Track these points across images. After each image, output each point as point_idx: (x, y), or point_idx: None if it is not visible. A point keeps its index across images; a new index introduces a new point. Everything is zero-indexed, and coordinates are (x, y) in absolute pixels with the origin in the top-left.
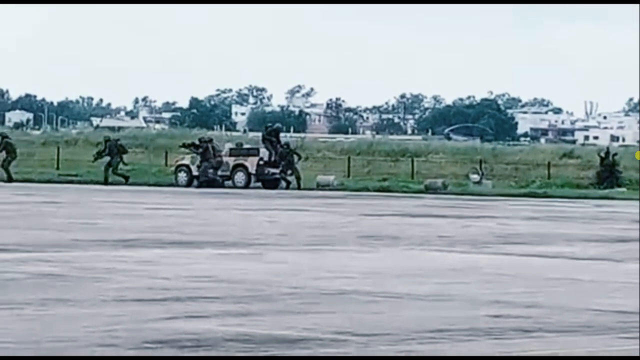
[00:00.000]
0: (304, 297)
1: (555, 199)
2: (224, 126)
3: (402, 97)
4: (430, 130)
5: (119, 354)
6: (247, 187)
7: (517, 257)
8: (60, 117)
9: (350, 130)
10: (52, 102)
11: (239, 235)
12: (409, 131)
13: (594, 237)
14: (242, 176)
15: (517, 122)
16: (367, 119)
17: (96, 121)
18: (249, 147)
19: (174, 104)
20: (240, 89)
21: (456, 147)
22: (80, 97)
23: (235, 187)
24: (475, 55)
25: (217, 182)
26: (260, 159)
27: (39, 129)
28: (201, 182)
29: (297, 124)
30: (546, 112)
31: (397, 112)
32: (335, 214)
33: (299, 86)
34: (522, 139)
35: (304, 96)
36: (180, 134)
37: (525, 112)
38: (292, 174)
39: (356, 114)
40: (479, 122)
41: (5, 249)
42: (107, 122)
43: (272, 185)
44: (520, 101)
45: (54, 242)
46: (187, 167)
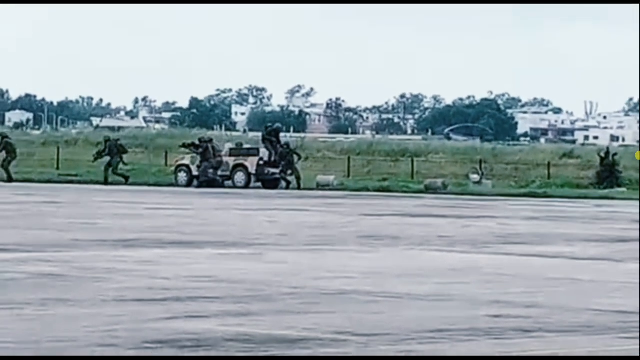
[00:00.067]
0: (304, 297)
1: (555, 199)
2: (224, 126)
3: (402, 97)
4: (430, 130)
5: (119, 354)
6: (247, 187)
7: (517, 257)
8: (60, 117)
9: (350, 130)
10: (52, 102)
11: (239, 235)
12: (409, 131)
13: (594, 237)
14: (242, 176)
15: (517, 122)
16: (367, 119)
17: (96, 121)
18: (249, 147)
19: (174, 104)
20: (240, 89)
21: (456, 147)
22: (80, 97)
23: (235, 187)
24: (475, 55)
25: (217, 182)
26: (260, 159)
27: (39, 129)
28: (201, 182)
29: (297, 124)
30: (546, 112)
31: (397, 112)
32: (335, 214)
33: (299, 86)
34: (522, 139)
35: (304, 96)
36: (180, 134)
37: (525, 112)
38: (292, 174)
39: (356, 114)
40: (479, 122)
41: (5, 249)
42: (107, 122)
43: (272, 185)
44: (520, 101)
45: (54, 242)
46: (187, 167)
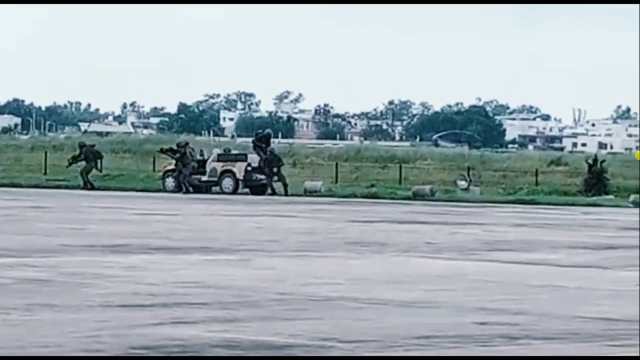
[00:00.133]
0: (291, 303)
1: (543, 206)
2: (212, 132)
3: (391, 103)
4: (418, 136)
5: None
6: (234, 193)
7: (504, 264)
8: (48, 122)
9: (338, 136)
10: (40, 107)
11: (226, 241)
12: (397, 137)
13: (582, 245)
14: (230, 182)
15: (505, 129)
16: (355, 125)
17: (84, 126)
18: (236, 153)
19: (162, 109)
20: (228, 95)
21: (444, 153)
22: (68, 102)
23: (223, 192)
24: (463, 62)
25: (197, 186)
26: (248, 165)
27: (26, 134)
28: (181, 187)
29: (286, 130)
30: (534, 119)
31: (385, 118)
32: (322, 220)
33: (288, 92)
34: (510, 146)
35: (292, 102)
36: (168, 139)
37: (513, 119)
38: (278, 180)
39: (344, 120)
40: (467, 129)
41: None
42: (95, 127)
43: (260, 191)
44: (508, 108)
45: (41, 247)
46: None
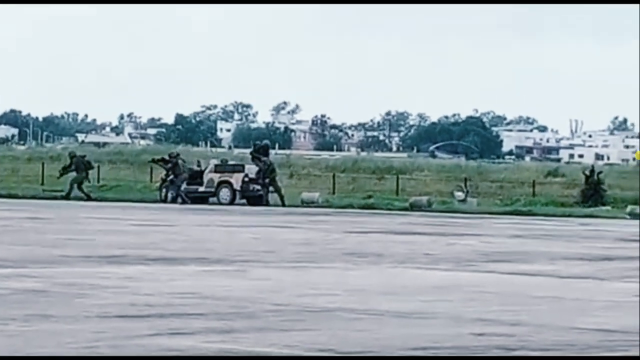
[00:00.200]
0: (287, 314)
1: (540, 217)
2: (209, 142)
3: (388, 114)
4: (415, 147)
5: None
6: (232, 203)
7: (501, 275)
8: (45, 133)
9: (335, 147)
10: (37, 118)
11: (223, 252)
12: (394, 148)
13: (578, 256)
14: (227, 192)
15: (502, 140)
16: (352, 136)
17: (81, 137)
18: (234, 164)
19: (159, 120)
20: (225, 105)
21: (441, 164)
22: (65, 112)
23: (220, 203)
24: (460, 73)
25: (194, 196)
26: (245, 176)
27: (24, 145)
28: (167, 196)
29: (283, 141)
30: (531, 130)
31: (382, 129)
32: (319, 231)
33: (285, 103)
34: (507, 157)
35: (289, 113)
36: (165, 150)
37: (510, 130)
38: (274, 191)
39: (341, 131)
40: (464, 140)
41: None
42: (92, 137)
43: (257, 202)
44: (505, 119)
45: (38, 258)
46: None
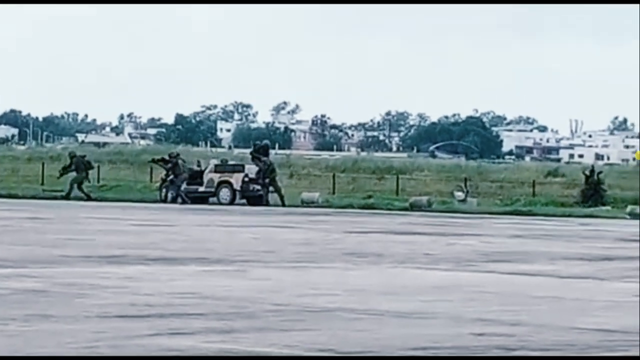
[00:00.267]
0: (287, 314)
1: (540, 217)
2: (209, 142)
3: (387, 114)
4: (415, 147)
5: None
6: (232, 203)
7: (500, 275)
8: (45, 133)
9: (335, 147)
10: (37, 118)
11: (223, 252)
12: (394, 148)
13: (578, 255)
14: (227, 193)
15: (502, 140)
16: (352, 136)
17: (81, 137)
18: (234, 164)
19: (159, 120)
20: (225, 106)
21: (441, 164)
22: (65, 112)
23: (220, 203)
24: (460, 73)
25: (194, 196)
26: (245, 176)
27: (24, 145)
28: (168, 197)
29: (283, 141)
30: (531, 130)
31: (382, 129)
32: (319, 231)
33: (285, 103)
34: (507, 157)
35: (289, 113)
36: (165, 150)
37: (510, 130)
38: (274, 191)
39: (341, 131)
40: (464, 140)
41: None
42: (92, 137)
43: (257, 202)
44: (505, 119)
45: (38, 258)
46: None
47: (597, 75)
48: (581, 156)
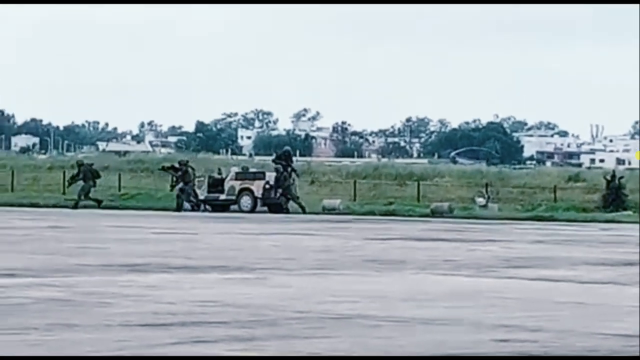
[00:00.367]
0: (308, 321)
1: (561, 223)
2: (229, 150)
3: (408, 120)
4: (436, 153)
5: None
6: (253, 211)
7: (522, 280)
8: (66, 142)
9: (356, 153)
10: (58, 127)
11: (244, 259)
12: (415, 155)
13: (600, 261)
14: (248, 200)
15: (523, 146)
16: (373, 142)
17: (102, 145)
18: (255, 171)
19: (180, 128)
20: (246, 113)
21: (462, 170)
22: (86, 121)
23: (241, 211)
24: (481, 78)
25: (213, 204)
26: (266, 183)
27: (45, 154)
28: (182, 204)
29: (303, 148)
30: (552, 136)
31: (403, 135)
32: (340, 237)
33: (305, 110)
34: (528, 162)
35: (309, 120)
36: (186, 158)
37: (531, 136)
38: (289, 199)
39: (362, 137)
40: (484, 146)
41: (10, 274)
42: (113, 146)
43: (278, 209)
44: (526, 124)
45: (59, 266)
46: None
47: (617, 79)
48: (602, 161)
